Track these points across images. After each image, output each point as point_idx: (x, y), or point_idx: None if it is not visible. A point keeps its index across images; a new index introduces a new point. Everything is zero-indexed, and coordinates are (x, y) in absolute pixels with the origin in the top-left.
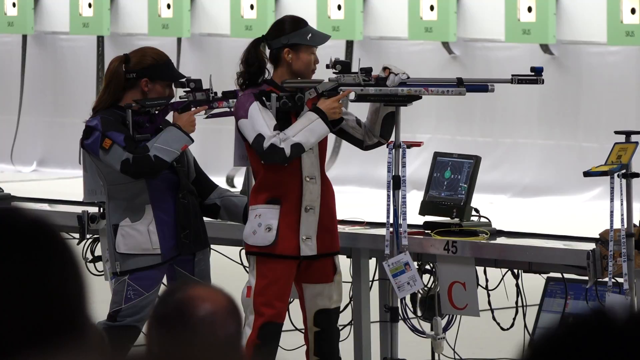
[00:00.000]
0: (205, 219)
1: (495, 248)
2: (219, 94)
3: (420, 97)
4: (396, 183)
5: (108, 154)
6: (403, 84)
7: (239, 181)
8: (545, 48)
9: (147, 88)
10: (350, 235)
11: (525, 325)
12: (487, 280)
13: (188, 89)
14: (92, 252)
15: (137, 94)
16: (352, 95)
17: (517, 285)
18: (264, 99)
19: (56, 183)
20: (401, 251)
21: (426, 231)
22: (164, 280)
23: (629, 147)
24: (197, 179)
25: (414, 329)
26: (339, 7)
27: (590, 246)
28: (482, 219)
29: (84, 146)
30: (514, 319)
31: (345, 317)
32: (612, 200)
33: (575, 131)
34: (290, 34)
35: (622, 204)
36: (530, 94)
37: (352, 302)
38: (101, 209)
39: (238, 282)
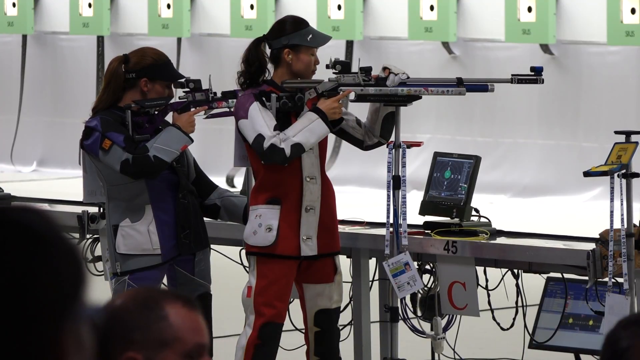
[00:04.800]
0: (205, 219)
1: (495, 248)
2: (219, 94)
3: (420, 97)
4: (396, 183)
5: (108, 154)
6: (403, 84)
7: (239, 181)
8: (545, 48)
9: (146, 88)
10: (350, 235)
11: (525, 325)
12: (487, 280)
13: (187, 89)
14: (92, 252)
15: (136, 94)
16: (352, 95)
17: (517, 285)
18: (263, 99)
19: (56, 183)
20: (401, 251)
21: (426, 231)
22: (164, 280)
23: (629, 147)
24: (197, 180)
25: (414, 329)
26: (339, 7)
27: (590, 246)
28: (482, 219)
29: (83, 147)
30: (514, 319)
31: (345, 317)
32: (612, 200)
33: (575, 131)
34: (290, 35)
35: (622, 204)
36: (530, 94)
37: (352, 302)
38: (101, 209)
39: (238, 282)
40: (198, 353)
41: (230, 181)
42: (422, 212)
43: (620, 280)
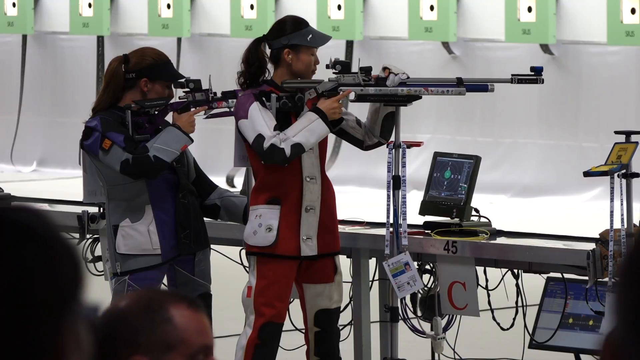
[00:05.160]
0: (205, 219)
1: (495, 248)
2: (219, 94)
3: (420, 97)
4: (396, 183)
5: (108, 154)
6: (403, 84)
7: (239, 181)
8: (545, 48)
9: (146, 88)
10: (350, 235)
11: (525, 325)
12: (487, 280)
13: (187, 90)
14: (92, 252)
15: (136, 94)
16: (352, 96)
17: (517, 285)
18: (263, 99)
19: (56, 183)
20: (401, 251)
21: (426, 231)
22: (165, 280)
23: (629, 147)
24: (196, 180)
25: (414, 329)
26: (339, 7)
27: (590, 246)
28: (482, 219)
29: (83, 147)
30: (514, 319)
31: (345, 317)
32: (612, 200)
33: (575, 131)
34: (290, 35)
35: (622, 204)
36: (530, 94)
37: (352, 302)
38: (101, 209)
39: (238, 282)
40: (204, 354)
41: (230, 181)
42: (422, 212)
43: None
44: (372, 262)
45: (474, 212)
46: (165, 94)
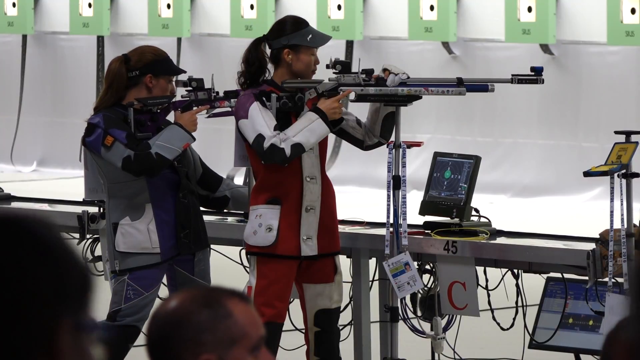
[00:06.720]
0: (205, 217)
1: (495, 248)
2: (221, 94)
3: (420, 97)
4: (396, 183)
5: (110, 151)
6: (403, 84)
7: (239, 181)
8: (545, 48)
9: (151, 84)
10: (350, 235)
11: (525, 325)
12: (487, 280)
13: (190, 88)
14: (92, 252)
15: (141, 91)
16: (352, 96)
17: (517, 285)
18: (264, 99)
19: (56, 183)
20: (401, 251)
21: (426, 231)
22: (164, 280)
23: (629, 147)
24: (204, 175)
25: (414, 329)
26: (339, 7)
27: (590, 246)
28: (482, 219)
29: (85, 143)
30: (514, 319)
31: (345, 317)
32: (612, 200)
33: (575, 131)
34: (290, 35)
35: (622, 204)
36: (530, 94)
37: (352, 302)
38: (101, 208)
39: (238, 282)
40: (260, 346)
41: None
42: (422, 212)
43: (620, 280)
44: (372, 262)
45: (474, 212)
46: (168, 89)
